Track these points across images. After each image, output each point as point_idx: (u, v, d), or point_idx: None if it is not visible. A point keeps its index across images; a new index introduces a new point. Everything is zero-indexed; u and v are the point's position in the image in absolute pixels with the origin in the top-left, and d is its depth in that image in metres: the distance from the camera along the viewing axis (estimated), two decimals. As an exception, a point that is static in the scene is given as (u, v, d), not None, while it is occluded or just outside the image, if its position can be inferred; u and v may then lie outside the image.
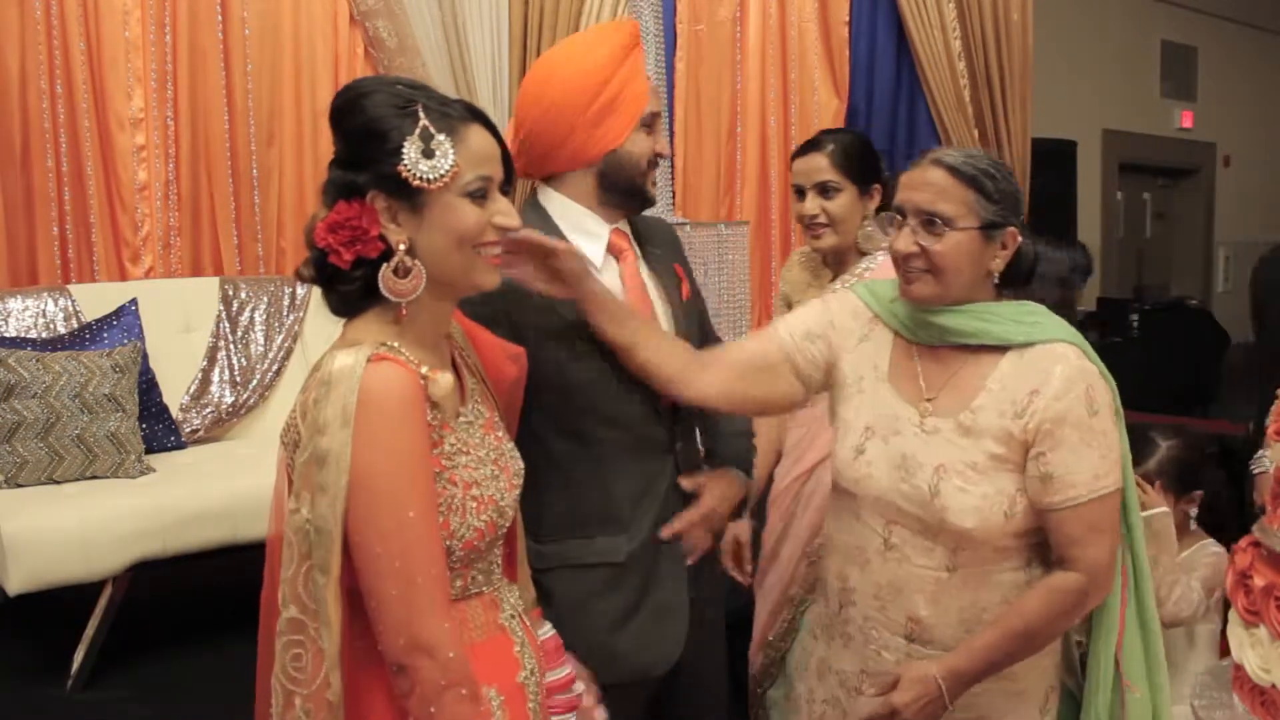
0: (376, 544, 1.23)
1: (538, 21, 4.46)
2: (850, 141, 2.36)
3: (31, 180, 3.69)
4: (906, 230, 1.64)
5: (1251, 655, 1.67)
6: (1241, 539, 1.79)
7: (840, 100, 5.36)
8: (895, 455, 1.67)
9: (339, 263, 1.30)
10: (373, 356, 1.26)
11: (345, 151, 1.35)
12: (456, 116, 1.34)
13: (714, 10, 5.01)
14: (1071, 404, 1.59)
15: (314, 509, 1.24)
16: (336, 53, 4.24)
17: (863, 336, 1.77)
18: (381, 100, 1.32)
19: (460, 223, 1.32)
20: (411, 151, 1.28)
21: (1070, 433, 1.58)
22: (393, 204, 1.30)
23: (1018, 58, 5.40)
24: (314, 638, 1.25)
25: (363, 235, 1.29)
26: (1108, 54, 8.46)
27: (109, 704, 2.79)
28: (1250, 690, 1.68)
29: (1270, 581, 1.63)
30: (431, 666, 1.24)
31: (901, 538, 1.66)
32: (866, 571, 1.70)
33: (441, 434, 1.33)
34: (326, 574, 1.24)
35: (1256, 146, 10.35)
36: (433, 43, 4.29)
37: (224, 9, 3.98)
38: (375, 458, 1.23)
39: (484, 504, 1.35)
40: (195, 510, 2.99)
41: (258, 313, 3.81)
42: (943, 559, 1.64)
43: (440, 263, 1.33)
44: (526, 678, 1.41)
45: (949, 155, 1.64)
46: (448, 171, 1.29)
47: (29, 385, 3.04)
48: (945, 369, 1.68)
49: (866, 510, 1.71)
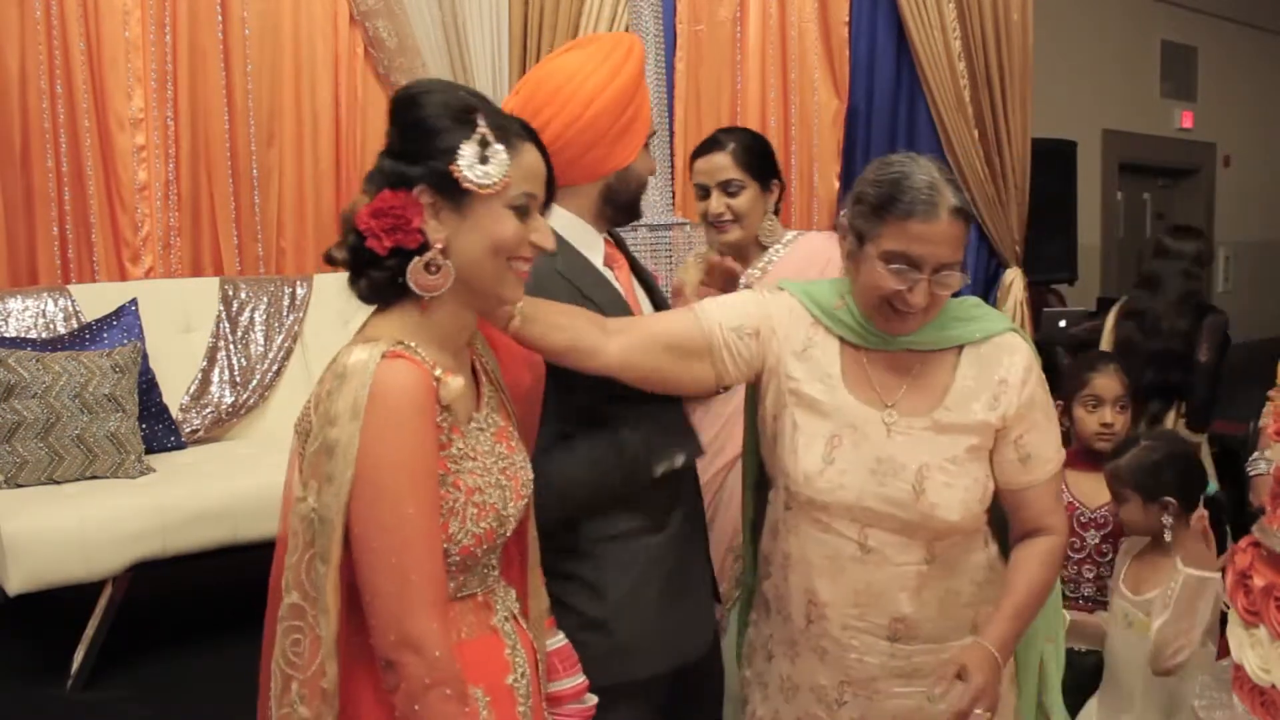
0: (375, 537, 1.25)
1: (538, 21, 4.46)
2: (750, 140, 2.43)
3: (31, 180, 3.69)
4: (923, 285, 1.59)
5: (1251, 655, 1.67)
6: (1241, 539, 1.79)
7: (840, 100, 5.37)
8: (869, 460, 1.66)
9: (377, 248, 1.32)
10: (387, 353, 1.28)
11: (400, 143, 1.36)
12: (513, 132, 1.38)
13: (714, 10, 5.01)
14: (1035, 388, 1.70)
15: (319, 498, 1.26)
16: (336, 53, 4.24)
17: (807, 341, 1.73)
18: (444, 100, 1.35)
19: (501, 231, 1.34)
20: (469, 154, 1.31)
21: (1039, 415, 1.70)
22: (438, 201, 1.33)
23: (1018, 58, 5.40)
24: (312, 624, 1.27)
25: (404, 225, 1.31)
26: (1108, 54, 8.47)
27: (109, 704, 2.79)
28: (1250, 690, 1.68)
29: (1270, 582, 1.63)
30: (418, 663, 1.25)
31: (879, 540, 1.66)
32: (840, 580, 1.68)
33: (450, 437, 1.34)
34: (327, 562, 1.26)
35: (1256, 146, 10.36)
36: (433, 43, 4.29)
37: (224, 9, 3.98)
38: (381, 452, 1.25)
39: (485, 511, 1.36)
40: (195, 510, 2.99)
41: (258, 313, 3.81)
42: (921, 553, 1.66)
43: (472, 266, 1.35)
44: (516, 680, 1.41)
45: (953, 196, 1.59)
46: (499, 180, 1.33)
47: (29, 385, 3.04)
48: (900, 371, 1.70)
49: (838, 519, 1.68)
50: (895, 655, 1.67)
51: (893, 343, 1.69)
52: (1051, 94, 6.77)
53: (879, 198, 1.61)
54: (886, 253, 1.59)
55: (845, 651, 1.69)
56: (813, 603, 1.70)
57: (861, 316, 1.68)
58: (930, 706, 1.63)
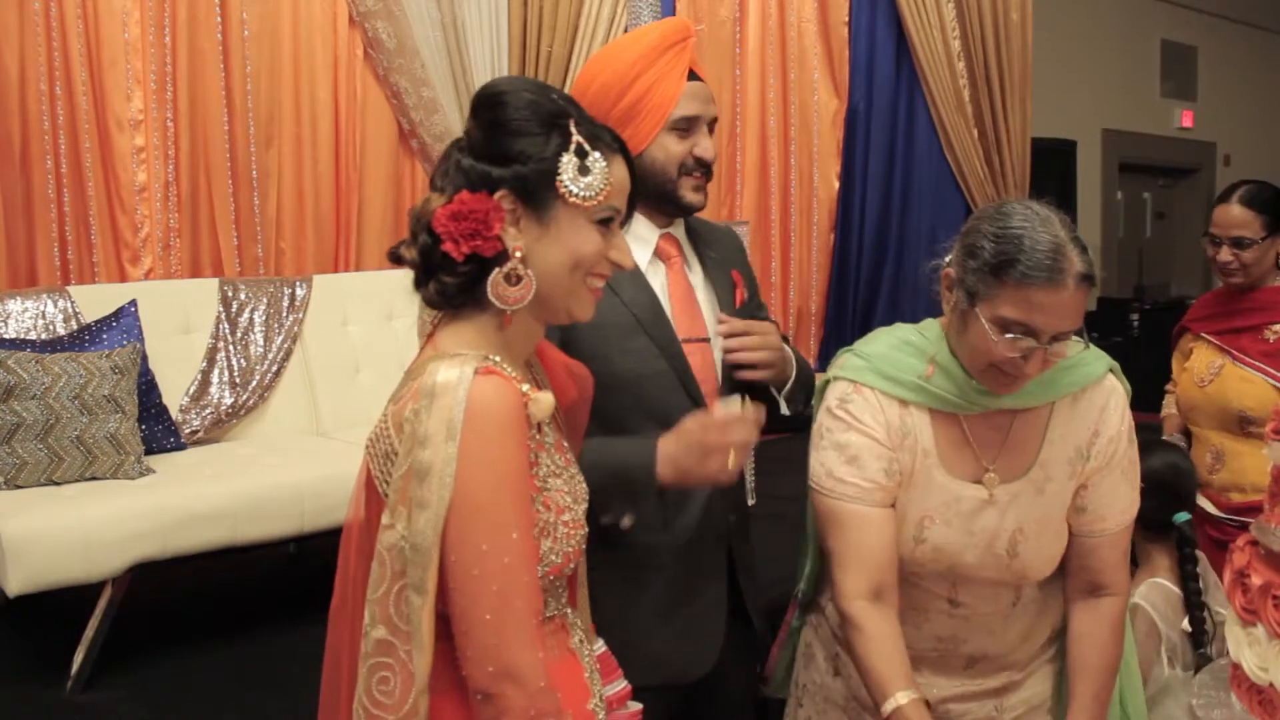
0: (474, 565, 1.17)
1: (537, 22, 4.46)
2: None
3: (31, 181, 3.69)
4: (1039, 355, 1.47)
5: (1249, 654, 1.66)
6: (1239, 537, 1.79)
7: (840, 100, 5.37)
8: (962, 534, 1.60)
9: (453, 252, 1.24)
10: (480, 369, 1.20)
11: (484, 143, 1.28)
12: (605, 142, 1.30)
13: (714, 10, 5.02)
14: (1121, 440, 1.62)
15: (411, 525, 1.18)
16: (336, 54, 4.24)
17: (903, 431, 1.61)
18: (536, 101, 1.28)
19: (584, 246, 1.28)
20: (570, 166, 1.25)
21: (1116, 471, 1.63)
22: (520, 208, 1.26)
23: (1017, 58, 5.40)
24: (404, 661, 1.19)
25: (485, 231, 1.23)
26: (1108, 54, 8.46)
27: (109, 704, 2.79)
28: (1248, 689, 1.67)
29: (1267, 580, 1.63)
30: (520, 695, 1.17)
31: (969, 594, 1.64)
32: (924, 627, 1.66)
33: (538, 455, 1.29)
34: (423, 594, 1.18)
35: (1256, 146, 10.35)
36: (432, 44, 4.29)
37: (223, 10, 3.98)
38: (481, 474, 1.17)
39: (573, 528, 1.31)
40: (195, 511, 2.99)
41: (257, 314, 3.81)
42: (1009, 598, 1.65)
43: (549, 279, 1.28)
44: (596, 705, 1.35)
45: (1079, 261, 1.45)
46: (600, 192, 1.26)
47: (29, 386, 3.04)
48: (998, 430, 1.60)
49: (928, 580, 1.65)
50: (965, 684, 1.67)
51: (995, 402, 1.57)
52: (1051, 94, 6.77)
53: (997, 256, 1.45)
54: (1002, 319, 1.45)
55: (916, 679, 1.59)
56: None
57: (962, 378, 1.57)
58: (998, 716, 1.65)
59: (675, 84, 1.72)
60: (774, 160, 5.29)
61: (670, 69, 1.72)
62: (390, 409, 1.25)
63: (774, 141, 5.27)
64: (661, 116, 1.71)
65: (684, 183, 1.74)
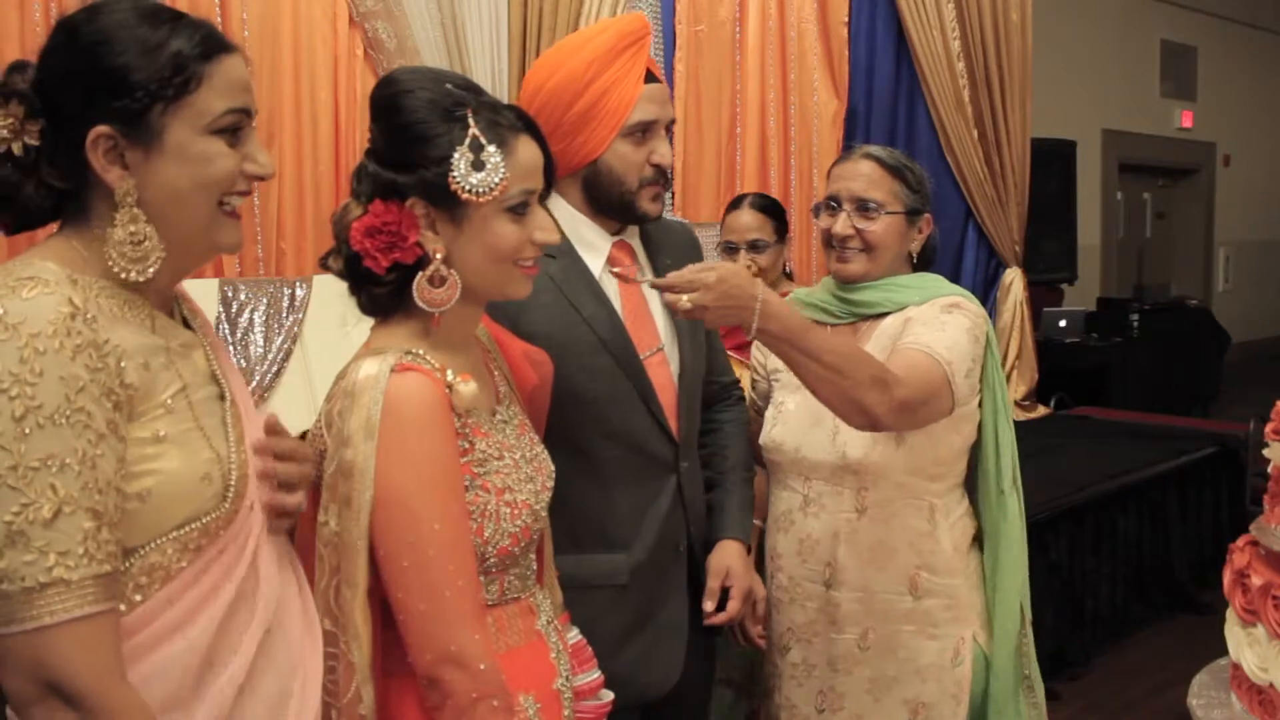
0: (402, 557, 1.21)
1: (537, 23, 4.47)
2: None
3: (31, 182, 3.69)
4: (843, 215, 1.82)
5: (1249, 654, 1.67)
6: (1239, 538, 1.79)
7: (840, 101, 5.37)
8: (806, 415, 1.81)
9: (375, 268, 1.26)
10: (397, 366, 1.23)
11: (387, 149, 1.29)
12: (506, 125, 1.29)
13: (714, 10, 5.02)
14: (926, 308, 1.77)
15: (341, 521, 1.22)
16: (336, 54, 4.24)
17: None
18: (431, 100, 1.27)
19: (501, 239, 1.28)
20: (461, 164, 1.24)
21: (917, 324, 1.75)
22: (432, 212, 1.27)
23: (1017, 58, 5.41)
24: (345, 651, 1.22)
25: (400, 241, 1.25)
26: (1107, 54, 8.47)
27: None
28: (1248, 689, 1.68)
29: (1268, 580, 1.63)
30: (463, 678, 1.21)
31: (817, 491, 1.81)
32: (790, 533, 1.84)
33: (472, 440, 1.30)
34: (353, 588, 1.22)
35: (1256, 146, 10.37)
36: (432, 44, 4.29)
37: (223, 10, 3.98)
38: (400, 471, 1.21)
39: (518, 509, 1.32)
40: (195, 511, 2.99)
41: (257, 314, 3.82)
42: (851, 501, 1.78)
43: (475, 274, 1.30)
44: (561, 685, 1.38)
45: (875, 149, 1.84)
46: (496, 186, 1.25)
47: (29, 386, 3.04)
48: (858, 340, 1.82)
49: (789, 474, 1.85)
50: (830, 600, 1.80)
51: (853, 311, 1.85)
52: (1051, 94, 6.77)
53: None
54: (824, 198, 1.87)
55: (791, 600, 1.85)
56: (773, 557, 1.88)
57: (823, 288, 1.89)
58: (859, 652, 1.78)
59: (633, 87, 1.63)
60: (774, 160, 5.28)
61: (627, 70, 1.63)
62: (324, 407, 1.29)
63: (774, 142, 5.27)
64: (618, 122, 1.63)
65: (643, 194, 1.68)
